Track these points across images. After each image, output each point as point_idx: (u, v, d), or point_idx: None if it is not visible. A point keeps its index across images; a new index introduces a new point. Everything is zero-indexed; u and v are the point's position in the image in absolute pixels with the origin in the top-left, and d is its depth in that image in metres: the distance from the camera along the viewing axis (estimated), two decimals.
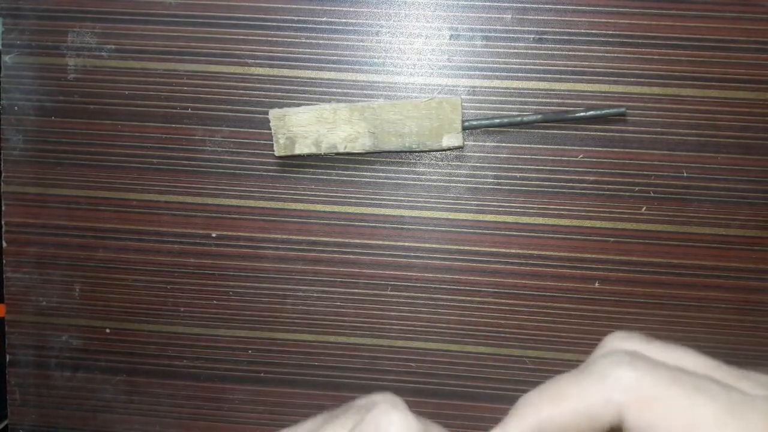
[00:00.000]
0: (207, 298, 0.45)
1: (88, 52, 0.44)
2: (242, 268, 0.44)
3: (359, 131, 0.41)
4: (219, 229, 0.44)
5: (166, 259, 0.45)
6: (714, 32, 0.41)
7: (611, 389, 0.22)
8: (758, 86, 0.41)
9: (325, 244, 0.44)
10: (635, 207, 0.42)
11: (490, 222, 0.43)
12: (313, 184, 0.44)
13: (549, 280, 0.43)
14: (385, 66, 0.43)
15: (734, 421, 0.20)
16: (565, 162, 0.42)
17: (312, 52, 0.43)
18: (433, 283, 0.44)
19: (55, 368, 0.46)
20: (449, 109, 0.41)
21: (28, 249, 0.45)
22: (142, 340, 0.46)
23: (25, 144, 0.45)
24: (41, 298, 0.46)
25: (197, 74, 0.43)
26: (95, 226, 0.45)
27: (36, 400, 0.47)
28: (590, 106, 0.42)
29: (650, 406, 0.21)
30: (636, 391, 0.22)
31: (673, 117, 0.42)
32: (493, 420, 0.46)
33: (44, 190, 0.45)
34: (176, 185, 0.44)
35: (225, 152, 0.44)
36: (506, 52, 0.42)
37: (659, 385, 0.22)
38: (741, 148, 0.42)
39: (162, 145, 0.44)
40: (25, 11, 0.44)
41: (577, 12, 0.41)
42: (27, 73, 0.44)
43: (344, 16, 0.43)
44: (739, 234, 0.42)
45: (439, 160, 0.43)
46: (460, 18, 0.42)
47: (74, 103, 0.44)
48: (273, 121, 0.41)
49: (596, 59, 0.42)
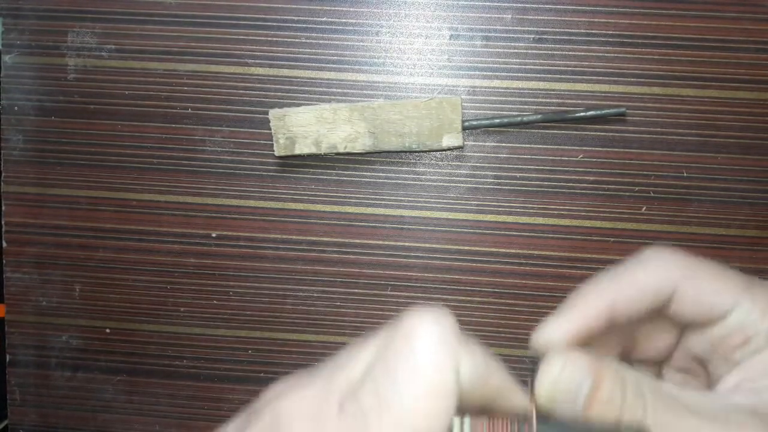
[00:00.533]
0: (207, 298, 0.45)
1: (88, 52, 0.44)
2: (242, 268, 0.44)
3: (359, 131, 0.41)
4: (219, 229, 0.44)
5: (166, 259, 0.45)
6: (714, 32, 0.41)
7: (667, 266, 0.26)
8: (758, 86, 0.41)
9: (325, 244, 0.44)
10: (635, 207, 0.42)
11: (490, 222, 0.43)
12: (313, 184, 0.44)
13: (549, 280, 0.43)
14: (385, 66, 0.43)
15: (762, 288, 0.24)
16: (565, 162, 0.42)
17: (312, 52, 0.43)
18: (433, 283, 0.44)
19: (55, 368, 0.46)
20: (449, 109, 0.41)
21: (28, 249, 0.45)
22: (142, 340, 0.46)
23: (25, 144, 0.45)
24: (41, 298, 0.46)
25: (197, 74, 0.43)
26: (95, 226, 0.45)
27: (36, 400, 0.47)
28: (590, 106, 0.42)
29: (699, 276, 0.25)
30: (687, 264, 0.26)
31: (673, 117, 0.42)
32: None
33: (44, 190, 0.45)
34: (176, 185, 0.44)
35: (225, 152, 0.44)
36: (506, 52, 0.42)
37: (700, 260, 0.26)
38: (741, 148, 0.42)
39: (162, 145, 0.44)
40: (25, 11, 0.44)
41: (577, 12, 0.41)
42: (27, 73, 0.44)
43: (344, 16, 0.43)
44: (739, 234, 0.42)
45: (439, 160, 0.43)
46: (460, 18, 0.42)
47: (74, 103, 0.44)
48: (273, 121, 0.41)
49: (596, 59, 0.41)
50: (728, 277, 0.26)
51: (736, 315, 0.25)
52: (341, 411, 0.18)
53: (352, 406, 0.18)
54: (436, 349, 0.18)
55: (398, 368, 0.18)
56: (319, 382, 0.20)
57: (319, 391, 0.19)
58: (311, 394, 0.19)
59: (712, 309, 0.25)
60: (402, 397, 0.18)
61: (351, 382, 0.19)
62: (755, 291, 0.25)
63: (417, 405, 0.17)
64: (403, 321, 0.19)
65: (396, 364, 0.18)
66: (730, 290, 0.25)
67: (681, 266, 0.26)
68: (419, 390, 0.18)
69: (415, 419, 0.17)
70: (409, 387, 0.18)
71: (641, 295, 0.26)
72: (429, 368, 0.18)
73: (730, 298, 0.25)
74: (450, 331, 0.19)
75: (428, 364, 0.18)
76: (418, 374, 0.18)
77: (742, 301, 0.25)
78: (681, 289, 0.26)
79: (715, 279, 0.25)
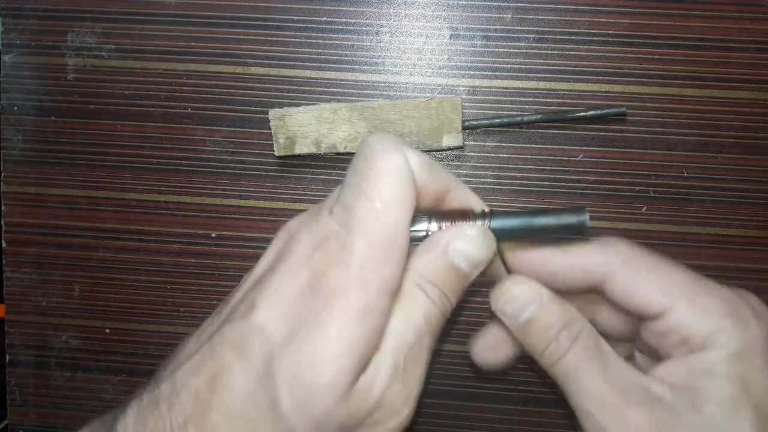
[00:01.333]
0: (207, 298, 0.45)
1: (88, 52, 0.44)
2: (242, 268, 0.44)
3: (359, 131, 0.41)
4: (219, 229, 0.44)
5: (166, 259, 0.45)
6: (714, 32, 0.41)
7: (608, 251, 0.27)
8: (758, 86, 0.41)
9: None
10: (635, 207, 0.42)
11: None
12: (313, 184, 0.44)
13: None
14: (385, 66, 0.43)
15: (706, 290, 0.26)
16: (565, 162, 0.42)
17: (312, 52, 0.43)
18: None
19: (55, 368, 0.46)
20: (449, 109, 0.41)
21: (28, 249, 0.45)
22: (142, 340, 0.46)
23: (25, 144, 0.45)
24: (41, 298, 0.46)
25: (197, 74, 0.43)
26: (95, 226, 0.45)
27: (36, 400, 0.47)
28: (590, 106, 0.42)
29: (636, 268, 0.27)
30: (628, 255, 0.27)
31: (673, 117, 0.42)
32: (493, 420, 0.47)
33: (44, 190, 0.45)
34: (176, 185, 0.44)
35: (225, 152, 0.44)
36: (506, 52, 0.42)
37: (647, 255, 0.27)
38: (741, 148, 0.41)
39: (162, 145, 0.44)
40: (25, 11, 0.44)
41: (577, 12, 0.41)
42: (27, 73, 0.44)
43: (344, 16, 0.43)
44: (739, 234, 0.42)
45: (439, 160, 0.43)
46: (460, 18, 0.42)
47: (74, 103, 0.44)
48: (273, 121, 0.41)
49: (596, 59, 0.41)
50: (669, 277, 0.26)
51: (672, 316, 0.25)
52: (330, 212, 0.25)
53: (337, 206, 0.25)
54: (391, 151, 0.24)
55: (366, 171, 0.24)
56: (315, 207, 0.27)
57: (315, 209, 0.27)
58: (310, 213, 0.27)
59: (644, 304, 0.26)
60: (373, 186, 0.24)
61: (336, 197, 0.26)
62: (698, 293, 0.25)
63: (384, 187, 0.24)
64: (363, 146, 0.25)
65: (364, 169, 0.24)
66: (667, 290, 0.26)
67: (622, 256, 0.27)
68: (383, 176, 0.24)
69: (385, 196, 0.24)
70: (376, 178, 0.24)
71: (571, 269, 0.27)
72: (387, 161, 0.24)
73: (665, 297, 0.26)
74: (396, 140, 0.25)
75: (386, 160, 0.24)
76: (380, 169, 0.24)
77: (678, 303, 0.25)
78: (613, 278, 0.27)
79: (652, 276, 0.26)
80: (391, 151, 0.24)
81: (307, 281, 0.23)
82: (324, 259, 0.23)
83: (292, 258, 0.25)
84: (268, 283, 0.24)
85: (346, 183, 0.25)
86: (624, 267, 0.27)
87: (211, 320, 0.26)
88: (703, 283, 0.26)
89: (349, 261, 0.23)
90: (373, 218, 0.23)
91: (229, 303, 0.26)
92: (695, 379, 0.24)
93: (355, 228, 0.23)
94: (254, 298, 0.24)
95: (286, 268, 0.24)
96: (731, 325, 0.24)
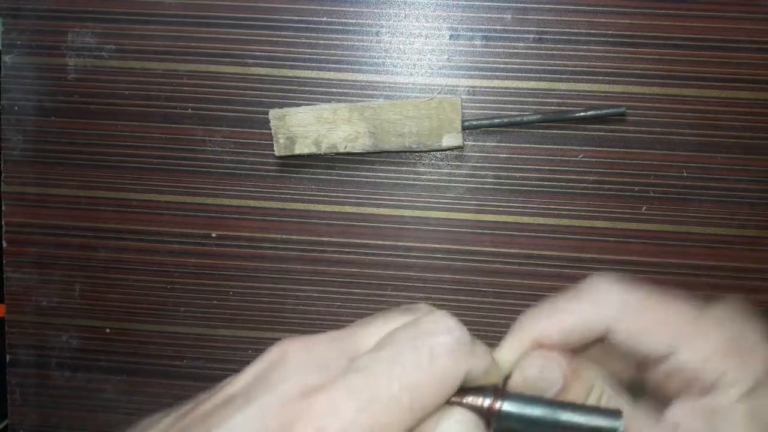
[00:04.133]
0: (207, 298, 0.45)
1: (88, 52, 0.44)
2: (242, 268, 0.44)
3: (359, 131, 0.41)
4: (219, 229, 0.44)
5: (166, 259, 0.45)
6: (714, 32, 0.41)
7: (602, 304, 0.25)
8: (758, 86, 0.41)
9: (325, 244, 0.44)
10: (635, 207, 0.42)
11: (490, 222, 0.43)
12: (313, 184, 0.44)
13: (549, 280, 0.43)
14: (385, 66, 0.43)
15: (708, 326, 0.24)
16: (565, 162, 0.42)
17: (312, 52, 0.43)
18: (433, 283, 0.44)
19: (55, 368, 0.46)
20: (449, 109, 0.41)
21: (28, 249, 0.45)
22: (142, 340, 0.46)
23: (25, 144, 0.45)
24: (41, 298, 0.46)
25: (197, 74, 0.43)
26: (95, 226, 0.45)
27: (36, 400, 0.47)
28: (590, 106, 0.42)
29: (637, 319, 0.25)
30: (624, 306, 0.25)
31: (673, 117, 0.42)
32: None
33: (44, 190, 0.45)
34: (176, 185, 0.44)
35: (225, 152, 0.44)
36: (506, 52, 0.42)
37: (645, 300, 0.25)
38: (741, 148, 0.41)
39: (162, 145, 0.44)
40: (25, 11, 0.44)
41: (577, 12, 0.41)
42: (27, 73, 0.44)
43: (344, 16, 0.43)
44: (739, 234, 0.42)
45: (439, 160, 0.43)
46: (460, 18, 0.42)
47: (74, 103, 0.44)
48: (273, 121, 0.41)
49: (596, 59, 0.41)
50: (669, 318, 0.25)
51: (677, 358, 0.24)
52: (351, 366, 0.20)
53: (363, 363, 0.20)
54: (455, 348, 0.20)
55: (423, 346, 0.20)
56: (328, 339, 0.22)
57: (330, 345, 0.21)
58: (321, 346, 0.21)
59: (648, 352, 0.25)
60: (417, 372, 0.19)
61: (364, 346, 0.21)
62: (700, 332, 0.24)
63: (427, 383, 0.19)
64: (424, 311, 0.21)
65: (423, 342, 0.20)
66: (669, 333, 0.25)
67: (617, 304, 0.25)
68: (435, 372, 0.20)
69: (419, 394, 0.19)
70: (428, 367, 0.19)
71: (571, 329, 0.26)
72: (447, 360, 0.20)
73: (667, 341, 0.24)
74: (467, 336, 0.21)
75: (447, 355, 0.20)
76: (438, 360, 0.20)
77: (682, 347, 0.24)
78: (613, 329, 0.25)
79: (651, 321, 0.25)
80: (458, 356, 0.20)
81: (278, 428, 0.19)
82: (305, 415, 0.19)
83: (271, 395, 0.20)
84: (233, 416, 0.20)
85: (394, 346, 0.20)
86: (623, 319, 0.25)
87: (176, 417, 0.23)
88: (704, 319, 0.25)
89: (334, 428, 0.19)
90: (391, 406, 0.19)
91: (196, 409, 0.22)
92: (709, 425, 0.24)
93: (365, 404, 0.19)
94: (213, 425, 0.20)
95: (258, 405, 0.20)
96: (735, 365, 0.23)
